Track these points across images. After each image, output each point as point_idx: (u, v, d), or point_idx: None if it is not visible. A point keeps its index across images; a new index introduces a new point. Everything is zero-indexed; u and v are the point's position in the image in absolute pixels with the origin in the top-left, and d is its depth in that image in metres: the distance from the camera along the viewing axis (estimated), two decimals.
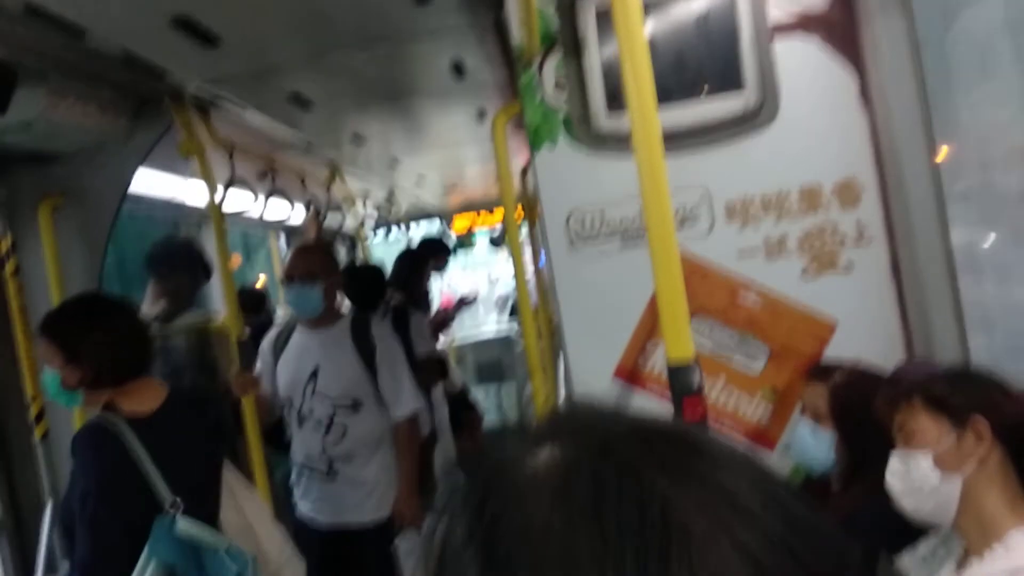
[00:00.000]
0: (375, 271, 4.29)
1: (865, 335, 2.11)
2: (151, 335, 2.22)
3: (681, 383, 1.18)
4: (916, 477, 1.43)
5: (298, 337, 3.08)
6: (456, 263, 6.06)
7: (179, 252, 3.41)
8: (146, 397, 2.08)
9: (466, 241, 8.04)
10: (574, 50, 2.10)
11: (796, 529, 0.41)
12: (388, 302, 4.22)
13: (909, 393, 1.48)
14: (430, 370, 4.22)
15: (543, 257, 3.55)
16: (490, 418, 5.98)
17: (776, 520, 0.40)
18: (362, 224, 5.52)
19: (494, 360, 6.58)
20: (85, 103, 2.41)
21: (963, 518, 1.41)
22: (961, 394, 1.43)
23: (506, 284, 8.45)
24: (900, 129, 2.05)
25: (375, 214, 6.47)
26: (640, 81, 1.23)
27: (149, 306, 3.28)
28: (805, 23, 2.11)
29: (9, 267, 2.70)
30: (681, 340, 1.21)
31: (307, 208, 4.53)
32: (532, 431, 0.48)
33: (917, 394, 1.46)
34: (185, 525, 1.97)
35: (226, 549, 2.01)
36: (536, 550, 0.40)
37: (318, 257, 3.10)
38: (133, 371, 2.08)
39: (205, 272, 3.40)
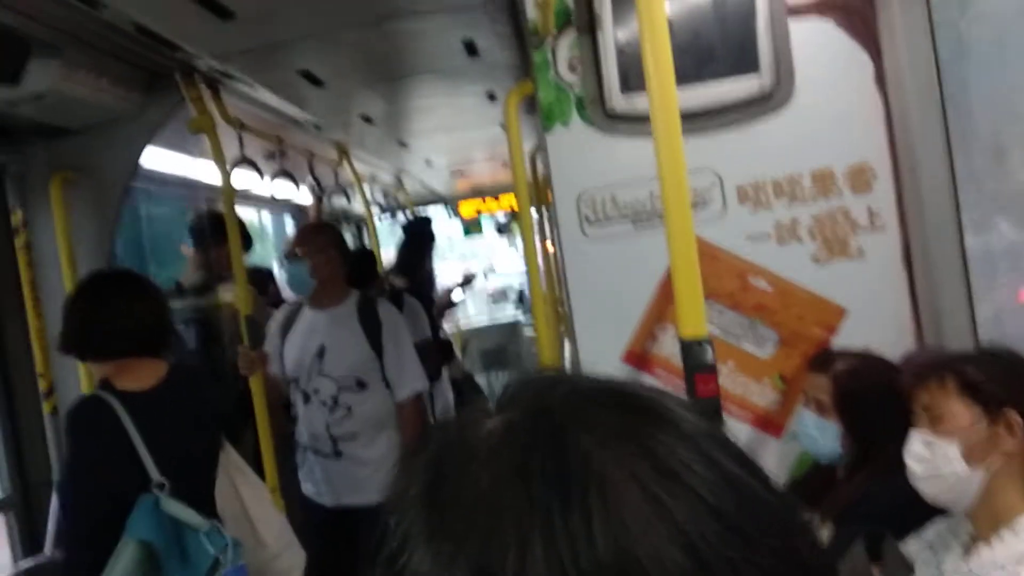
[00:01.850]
0: (364, 253, 4.30)
1: (875, 322, 2.11)
2: (157, 315, 2.20)
3: (694, 359, 1.18)
4: (940, 464, 1.40)
5: (306, 316, 3.09)
6: (453, 253, 6.00)
7: (220, 224, 3.46)
8: (143, 374, 2.09)
9: (473, 226, 8.03)
10: (589, 29, 2.09)
11: (730, 493, 0.41)
12: (383, 286, 4.23)
13: (941, 373, 1.43)
14: (430, 356, 4.22)
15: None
16: None
17: (706, 482, 0.41)
18: (369, 208, 5.52)
19: (500, 347, 6.58)
20: (98, 76, 2.41)
21: (977, 506, 1.40)
22: (996, 382, 1.38)
23: (505, 276, 8.39)
24: (915, 115, 2.04)
25: (382, 199, 6.46)
26: (659, 60, 1.23)
27: (190, 275, 3.34)
28: (821, 6, 2.10)
29: (19, 241, 2.70)
30: (695, 317, 1.21)
31: (312, 191, 4.53)
32: (496, 399, 0.49)
33: (950, 375, 1.41)
34: (169, 504, 1.97)
35: (206, 531, 2.01)
36: (468, 510, 0.41)
37: (310, 236, 3.11)
38: (122, 349, 2.08)
39: (246, 243, 3.48)
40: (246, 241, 3.55)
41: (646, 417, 0.44)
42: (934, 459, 1.41)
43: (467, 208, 7.93)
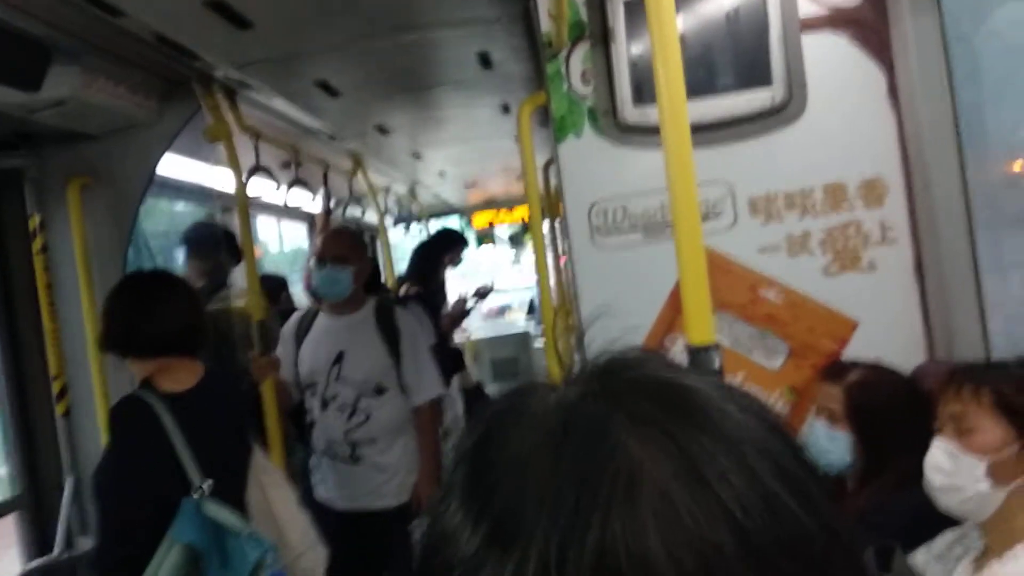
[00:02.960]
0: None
1: (886, 335, 2.10)
2: (195, 315, 2.21)
3: (701, 366, 1.19)
4: (963, 479, 1.37)
5: (322, 322, 3.12)
6: (457, 271, 6.00)
7: (215, 235, 3.53)
8: (182, 375, 2.11)
9: (486, 237, 8.06)
10: (602, 41, 2.11)
11: (762, 511, 0.40)
12: (388, 294, 4.25)
13: (978, 384, 1.38)
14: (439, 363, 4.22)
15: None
16: None
17: (738, 497, 0.39)
18: (383, 218, 5.55)
19: (510, 357, 6.57)
20: (116, 84, 2.44)
21: (992, 520, 1.38)
22: None
23: (506, 293, 8.34)
24: (928, 128, 2.04)
25: (396, 209, 6.49)
26: (670, 73, 1.23)
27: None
28: (835, 20, 2.11)
29: (36, 244, 2.73)
30: (703, 324, 1.21)
31: (323, 200, 4.56)
32: (566, 374, 0.49)
33: (987, 389, 1.37)
34: (211, 507, 1.98)
35: (248, 534, 2.02)
36: (500, 471, 0.43)
37: (349, 241, 3.14)
38: (165, 348, 2.10)
39: (235, 255, 3.53)
40: (236, 254, 3.60)
41: (696, 418, 0.43)
42: (957, 472, 1.38)
43: (480, 220, 7.97)
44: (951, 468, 1.39)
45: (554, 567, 0.37)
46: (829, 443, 1.89)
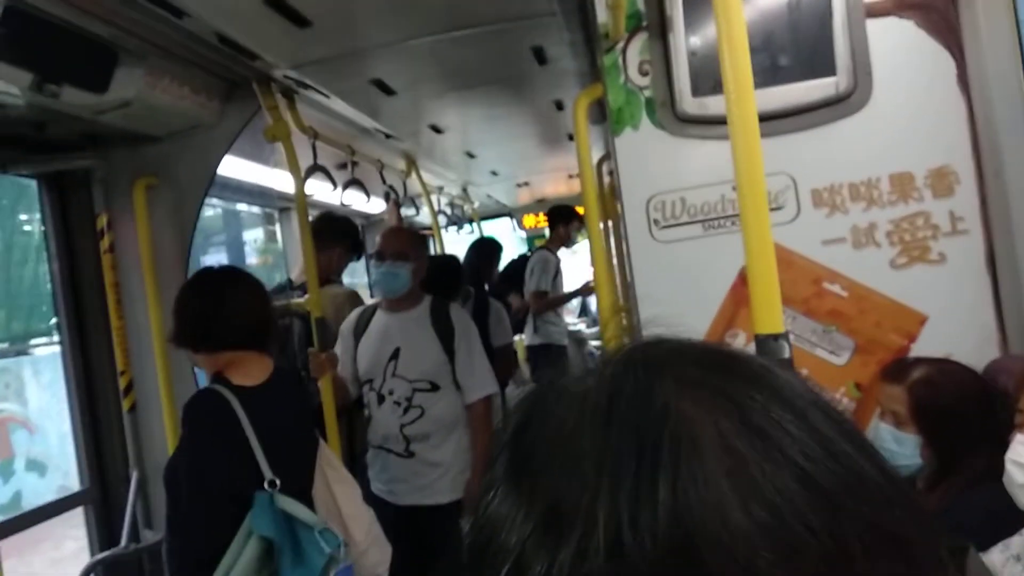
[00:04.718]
0: (453, 261, 4.34)
1: (958, 329, 2.03)
2: (265, 309, 2.24)
3: (770, 355, 1.16)
4: None
5: (379, 319, 3.16)
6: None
7: (336, 227, 3.55)
8: (253, 370, 2.14)
9: (537, 238, 8.06)
10: (660, 31, 2.08)
11: (828, 461, 0.39)
12: (469, 291, 4.28)
13: None
14: (506, 362, 4.25)
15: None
16: None
17: (800, 446, 0.39)
18: (436, 218, 5.58)
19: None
20: (180, 85, 2.49)
21: None
22: None
23: None
24: (999, 116, 1.97)
25: (448, 210, 6.53)
26: (737, 62, 1.21)
27: (298, 274, 3.43)
28: (901, 6, 2.05)
29: (104, 243, 2.81)
30: (772, 313, 1.18)
31: (386, 198, 4.60)
32: (604, 356, 0.49)
33: None
34: (285, 501, 2.00)
35: (322, 528, 2.04)
36: (549, 450, 0.42)
37: (409, 238, 3.19)
38: (236, 342, 2.13)
39: (357, 250, 3.55)
40: (358, 249, 3.62)
41: (745, 377, 0.43)
42: None
43: (531, 220, 8.00)
44: None
45: (628, 533, 0.36)
46: (897, 445, 1.83)
